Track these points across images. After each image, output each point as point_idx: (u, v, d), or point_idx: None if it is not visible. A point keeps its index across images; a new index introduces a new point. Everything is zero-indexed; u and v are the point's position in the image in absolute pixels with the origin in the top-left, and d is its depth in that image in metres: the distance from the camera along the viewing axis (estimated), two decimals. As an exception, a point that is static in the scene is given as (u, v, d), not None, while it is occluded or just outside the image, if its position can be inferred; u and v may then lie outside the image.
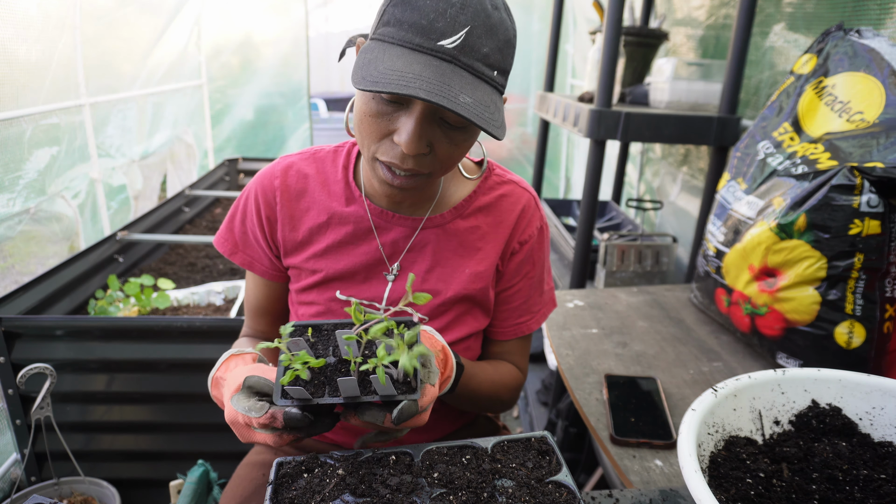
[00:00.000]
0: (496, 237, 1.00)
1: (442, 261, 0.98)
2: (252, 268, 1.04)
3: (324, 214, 0.98)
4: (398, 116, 0.78)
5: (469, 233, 0.99)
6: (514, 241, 1.01)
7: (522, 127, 5.39)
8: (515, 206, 1.01)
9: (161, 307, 2.32)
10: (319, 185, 0.99)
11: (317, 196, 0.99)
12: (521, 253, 1.02)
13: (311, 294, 1.01)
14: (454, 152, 0.82)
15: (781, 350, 1.23)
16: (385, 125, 0.79)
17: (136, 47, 3.29)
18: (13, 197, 2.17)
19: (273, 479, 0.72)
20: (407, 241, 0.98)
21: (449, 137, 0.80)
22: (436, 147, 0.80)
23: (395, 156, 0.80)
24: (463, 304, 1.00)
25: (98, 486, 1.78)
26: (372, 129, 0.80)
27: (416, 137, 0.77)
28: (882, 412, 0.72)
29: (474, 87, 0.74)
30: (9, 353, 1.70)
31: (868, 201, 1.06)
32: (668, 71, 1.97)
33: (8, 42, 2.11)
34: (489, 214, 1.00)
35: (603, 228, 2.47)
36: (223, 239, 1.05)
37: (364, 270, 0.98)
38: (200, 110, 4.43)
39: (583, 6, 3.71)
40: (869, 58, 1.21)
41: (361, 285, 0.99)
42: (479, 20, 0.73)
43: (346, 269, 0.98)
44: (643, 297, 1.64)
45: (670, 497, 0.78)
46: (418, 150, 0.78)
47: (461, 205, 0.99)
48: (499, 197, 1.01)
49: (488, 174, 1.03)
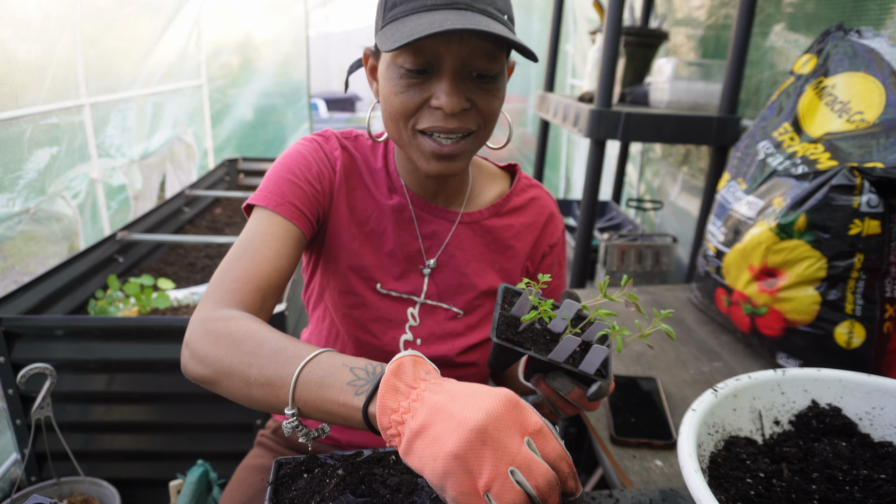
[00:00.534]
0: (526, 237, 1.02)
1: (478, 255, 1.00)
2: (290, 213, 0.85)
3: (369, 200, 0.96)
4: (429, 84, 0.79)
5: (503, 231, 1.01)
6: (543, 243, 1.04)
7: (522, 127, 5.39)
8: (545, 210, 1.04)
9: (161, 307, 2.32)
10: (366, 170, 0.98)
11: (365, 178, 0.97)
12: (552, 255, 1.05)
13: (354, 280, 0.94)
14: (493, 104, 0.83)
15: (781, 350, 1.23)
16: (419, 95, 0.79)
17: (136, 47, 3.29)
18: (13, 197, 2.17)
19: (273, 480, 0.72)
20: (446, 234, 0.98)
21: (484, 89, 0.81)
22: (475, 101, 0.81)
23: (437, 119, 0.80)
24: (491, 299, 1.01)
25: (98, 486, 1.78)
26: (406, 104, 0.80)
27: (456, 93, 0.78)
28: (882, 412, 0.72)
29: (494, 24, 0.75)
30: (9, 353, 1.70)
31: (868, 201, 1.06)
32: (668, 71, 1.97)
33: (8, 42, 2.11)
34: (522, 215, 1.03)
35: (603, 228, 2.47)
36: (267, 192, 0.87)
37: (404, 262, 0.97)
38: (200, 110, 4.43)
39: (583, 6, 3.71)
40: (869, 58, 1.21)
41: (400, 279, 0.97)
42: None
43: (387, 259, 0.96)
44: (643, 297, 1.64)
45: (670, 497, 0.78)
46: (461, 106, 0.79)
47: (498, 203, 1.01)
48: (530, 199, 1.04)
49: (519, 177, 1.05)
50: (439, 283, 0.98)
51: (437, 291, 0.98)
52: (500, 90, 0.83)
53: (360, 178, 0.97)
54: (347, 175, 0.96)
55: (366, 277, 0.96)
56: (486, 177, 1.04)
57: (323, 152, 0.94)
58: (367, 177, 0.97)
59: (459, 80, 0.79)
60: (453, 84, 0.78)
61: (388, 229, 0.96)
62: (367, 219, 0.96)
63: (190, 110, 4.20)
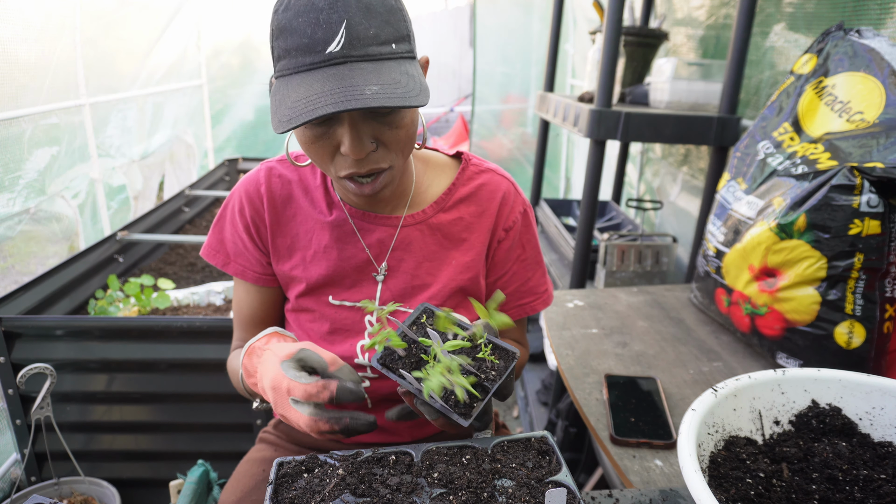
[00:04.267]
0: (480, 227, 1.01)
1: (429, 255, 0.99)
2: (245, 276, 1.03)
3: (309, 220, 0.99)
4: (334, 131, 0.80)
5: (452, 225, 1.00)
6: (499, 228, 1.02)
7: (522, 127, 5.39)
8: (496, 194, 1.02)
9: (161, 307, 2.32)
10: (302, 192, 1.00)
11: (301, 202, 1.00)
12: (508, 239, 1.03)
13: (305, 300, 1.01)
14: (400, 135, 0.83)
15: (781, 350, 1.23)
16: (328, 145, 0.81)
17: (136, 47, 3.29)
18: (13, 197, 2.17)
19: (273, 479, 0.72)
20: (391, 239, 0.98)
21: (387, 124, 0.81)
22: (381, 139, 0.81)
23: (350, 165, 0.82)
24: (455, 296, 1.00)
25: (98, 486, 1.78)
26: (320, 154, 0.82)
27: (357, 140, 0.78)
28: (882, 412, 0.72)
29: (378, 73, 0.74)
30: (9, 353, 1.70)
31: (868, 201, 1.06)
32: (668, 71, 1.97)
33: (8, 42, 2.11)
34: (471, 204, 1.01)
35: (603, 228, 2.47)
36: (213, 250, 1.04)
37: (353, 273, 0.99)
38: (200, 110, 4.42)
39: (583, 6, 3.71)
40: (869, 58, 1.21)
41: (352, 289, 0.99)
42: (351, 9, 0.73)
43: (335, 273, 0.99)
44: (643, 297, 1.64)
45: (670, 497, 0.78)
46: (365, 151, 0.79)
47: (441, 198, 1.00)
48: (478, 187, 1.02)
49: (465, 165, 1.03)
50: (392, 288, 0.99)
51: (392, 296, 0.99)
52: (404, 118, 0.82)
53: (296, 204, 1.00)
54: (283, 206, 1.00)
55: (317, 294, 1.00)
56: (434, 171, 1.03)
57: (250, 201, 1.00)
58: (304, 199, 1.00)
59: (361, 124, 0.79)
60: (353, 131, 0.78)
61: (332, 245, 0.98)
62: (308, 242, 0.99)
63: (190, 110, 4.20)
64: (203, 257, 1.04)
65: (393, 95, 0.73)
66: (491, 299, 0.84)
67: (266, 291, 1.05)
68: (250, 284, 1.04)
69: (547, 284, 1.09)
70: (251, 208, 0.99)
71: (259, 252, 1.02)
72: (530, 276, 1.06)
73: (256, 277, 1.03)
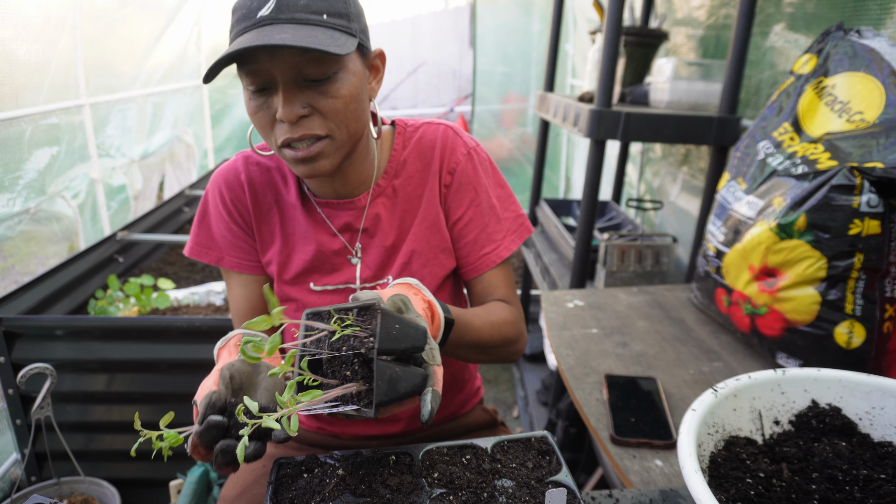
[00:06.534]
0: (428, 178, 1.01)
1: (396, 224, 1.01)
2: (242, 268, 1.02)
3: (288, 208, 1.00)
4: (272, 100, 0.83)
5: (405, 187, 1.01)
6: (443, 172, 1.02)
7: (522, 127, 5.39)
8: (434, 142, 1.02)
9: (161, 307, 2.32)
10: (281, 179, 1.01)
11: (280, 189, 1.01)
12: (455, 182, 1.02)
13: (289, 289, 1.02)
14: (336, 104, 0.84)
15: (781, 350, 1.23)
16: (268, 113, 0.83)
17: (136, 47, 3.29)
18: (13, 197, 2.17)
19: (273, 479, 0.72)
20: (359, 221, 1.00)
21: (321, 92, 0.83)
22: (314, 105, 0.83)
23: (285, 131, 0.83)
24: (424, 254, 1.01)
25: (98, 486, 1.78)
26: (261, 123, 0.85)
27: (289, 103, 0.81)
28: (882, 412, 0.72)
29: (296, 30, 0.78)
30: (9, 353, 1.70)
31: (868, 201, 1.06)
32: (668, 71, 1.97)
33: (8, 42, 2.11)
34: (415, 160, 1.02)
35: (603, 228, 2.47)
36: (204, 248, 1.02)
37: (331, 258, 1.00)
38: (200, 110, 4.42)
39: (583, 6, 3.71)
40: (869, 58, 1.21)
41: (332, 273, 1.01)
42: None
43: (315, 259, 1.00)
44: (643, 297, 1.64)
45: (670, 497, 0.78)
46: (295, 114, 0.81)
47: (388, 168, 1.01)
48: (417, 141, 1.02)
49: (401, 129, 1.04)
50: (371, 265, 1.01)
51: (372, 273, 1.00)
52: (339, 89, 0.83)
53: (276, 191, 1.01)
54: (263, 193, 1.01)
55: (299, 283, 1.01)
56: (379, 148, 1.03)
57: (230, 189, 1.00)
58: (283, 187, 1.01)
59: (295, 90, 0.82)
60: (286, 95, 0.81)
61: (308, 232, 1.00)
62: (287, 229, 1.01)
63: (190, 110, 4.20)
64: (191, 257, 1.03)
65: (302, 40, 0.75)
66: None
67: (263, 281, 1.04)
68: (247, 276, 1.03)
69: (504, 231, 1.03)
70: (233, 196, 1.00)
71: (252, 239, 1.02)
72: (487, 221, 1.03)
73: (253, 267, 1.02)
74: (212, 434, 0.67)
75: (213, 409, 0.69)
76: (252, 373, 0.80)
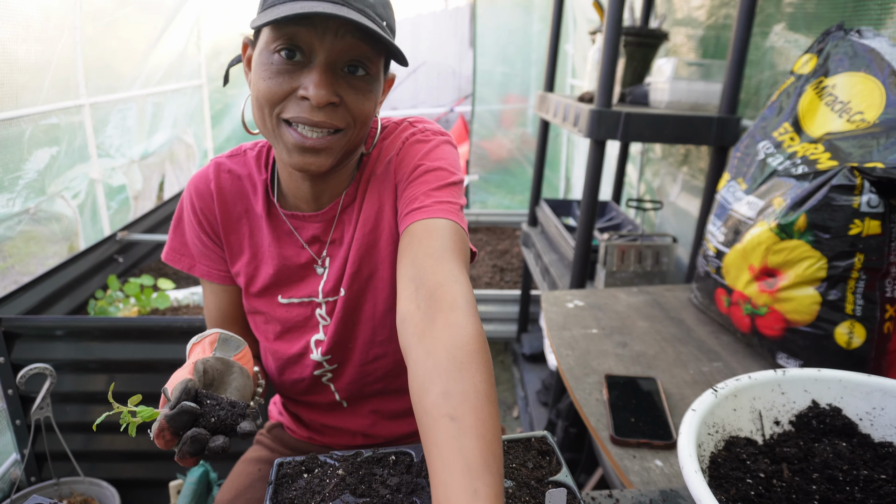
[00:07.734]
0: (389, 184, 0.94)
1: (360, 236, 0.94)
2: (211, 277, 1.00)
3: (256, 218, 0.96)
4: (300, 74, 0.77)
5: (374, 192, 0.94)
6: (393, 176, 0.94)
7: (522, 127, 5.39)
8: (392, 147, 0.94)
9: (161, 307, 2.32)
10: (251, 187, 0.97)
11: (250, 199, 0.97)
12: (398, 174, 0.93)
13: (256, 301, 0.99)
14: (364, 104, 0.80)
15: (781, 350, 1.23)
16: (287, 84, 0.77)
17: (136, 47, 3.29)
18: (13, 197, 2.17)
19: (273, 480, 0.72)
20: (326, 234, 0.95)
21: (355, 87, 0.79)
22: (345, 97, 0.79)
23: (303, 110, 0.77)
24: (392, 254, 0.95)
25: (98, 486, 1.78)
26: (273, 90, 0.77)
27: (325, 85, 0.75)
28: (882, 412, 0.72)
29: (371, 24, 0.74)
30: (9, 353, 1.70)
31: (868, 201, 1.06)
32: (668, 71, 1.97)
33: (8, 42, 2.11)
34: (378, 164, 0.95)
35: (603, 228, 2.47)
36: (177, 254, 1.00)
37: (298, 270, 0.97)
38: (200, 110, 4.42)
39: (583, 6, 3.71)
40: (869, 58, 1.21)
41: (299, 284, 0.97)
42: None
43: (281, 271, 0.96)
44: (643, 297, 1.64)
45: (670, 497, 0.78)
46: (328, 99, 0.76)
47: (358, 176, 0.95)
48: (380, 149, 0.96)
49: (372, 137, 0.97)
50: (334, 276, 0.96)
51: (333, 285, 0.96)
52: (372, 91, 0.81)
53: (246, 200, 0.97)
54: (233, 202, 0.96)
55: (267, 296, 0.98)
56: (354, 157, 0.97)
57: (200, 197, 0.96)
58: (252, 196, 0.96)
59: (330, 74, 0.77)
60: (323, 76, 0.75)
61: (273, 245, 0.96)
62: (255, 241, 0.97)
63: (190, 110, 4.20)
64: (167, 262, 1.01)
65: (373, 27, 0.73)
66: None
67: (234, 291, 1.02)
68: (217, 285, 1.01)
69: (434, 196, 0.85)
70: (202, 205, 0.96)
71: (220, 249, 0.99)
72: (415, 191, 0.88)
73: (223, 277, 1.00)
74: (183, 419, 0.69)
75: (187, 394, 0.71)
76: (224, 371, 0.80)
